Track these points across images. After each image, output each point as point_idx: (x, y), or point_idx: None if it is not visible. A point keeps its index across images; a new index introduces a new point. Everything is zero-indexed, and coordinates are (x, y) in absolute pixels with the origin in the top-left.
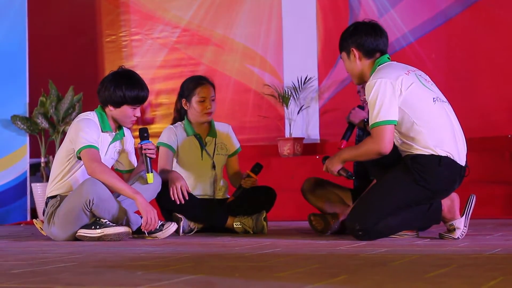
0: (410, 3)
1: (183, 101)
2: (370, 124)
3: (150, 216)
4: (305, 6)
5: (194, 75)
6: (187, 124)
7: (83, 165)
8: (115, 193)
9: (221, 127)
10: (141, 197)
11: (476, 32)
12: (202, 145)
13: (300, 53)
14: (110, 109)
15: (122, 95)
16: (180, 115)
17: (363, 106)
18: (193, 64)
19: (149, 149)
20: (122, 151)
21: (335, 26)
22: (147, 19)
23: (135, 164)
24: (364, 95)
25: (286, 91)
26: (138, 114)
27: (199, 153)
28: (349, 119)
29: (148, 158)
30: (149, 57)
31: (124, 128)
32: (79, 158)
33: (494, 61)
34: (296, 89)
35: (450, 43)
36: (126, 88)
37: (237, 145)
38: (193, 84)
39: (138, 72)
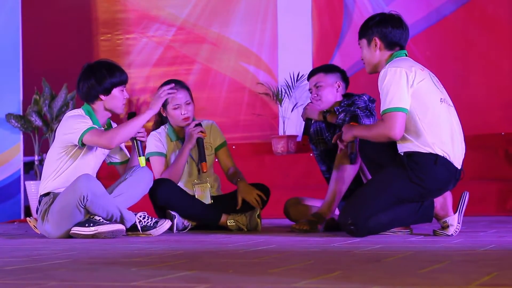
0: (404, 2)
1: (161, 109)
2: (381, 110)
3: (164, 92)
4: (300, 4)
5: (168, 79)
6: (170, 129)
7: (75, 162)
8: (109, 189)
9: (204, 127)
10: (148, 109)
11: (469, 30)
12: None
13: (295, 52)
14: (101, 99)
15: (109, 80)
16: (162, 119)
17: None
18: (188, 62)
19: (138, 132)
20: None
21: (330, 25)
22: (143, 18)
23: (128, 155)
24: (315, 94)
25: (280, 89)
26: (127, 95)
27: None
28: (306, 116)
29: (139, 142)
30: (144, 55)
31: (112, 123)
32: (83, 145)
33: (488, 59)
34: (290, 87)
35: (444, 41)
36: (109, 73)
37: (222, 139)
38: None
39: (133, 70)
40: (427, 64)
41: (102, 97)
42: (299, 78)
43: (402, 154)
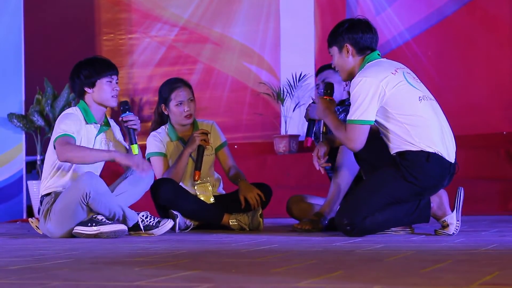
0: (406, 2)
1: (163, 106)
2: (347, 119)
3: (137, 161)
4: (303, 4)
5: (170, 78)
6: (170, 128)
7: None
8: (110, 188)
9: (205, 126)
10: (119, 154)
11: (471, 30)
12: None
13: (297, 51)
14: (88, 92)
15: (90, 72)
16: (162, 119)
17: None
18: (191, 62)
19: (130, 120)
20: (111, 140)
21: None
22: (145, 18)
23: (128, 148)
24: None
25: (282, 88)
26: (118, 87)
27: None
28: (309, 117)
29: (131, 130)
30: (147, 55)
31: (109, 119)
32: (55, 148)
33: (490, 58)
34: (292, 87)
35: (446, 41)
36: (90, 65)
37: (222, 139)
38: (169, 89)
39: (135, 70)
40: (429, 64)
41: (87, 89)
42: (301, 77)
43: (394, 155)
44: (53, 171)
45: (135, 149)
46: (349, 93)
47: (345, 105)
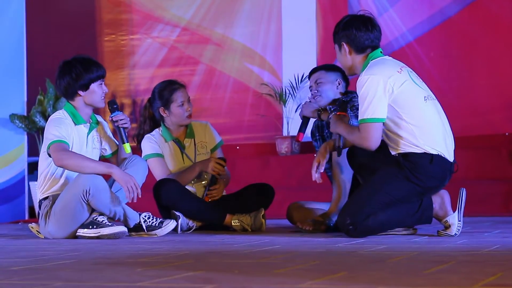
0: (409, 3)
1: (161, 109)
2: (358, 119)
3: (130, 185)
4: (304, 5)
5: (163, 81)
6: (164, 130)
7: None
8: (109, 183)
9: (199, 126)
10: (117, 169)
11: (474, 31)
12: (182, 149)
13: (299, 52)
14: (80, 95)
15: (86, 76)
16: (153, 122)
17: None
18: (193, 63)
19: (120, 119)
20: (103, 137)
21: (334, 25)
22: (147, 19)
23: (117, 143)
24: (316, 90)
25: (284, 89)
26: (106, 89)
27: (180, 157)
28: (302, 114)
29: (121, 129)
30: (148, 56)
31: (96, 116)
32: (49, 155)
33: (492, 59)
34: (294, 88)
35: (448, 42)
36: (85, 69)
37: (217, 139)
38: (169, 91)
39: (137, 71)
40: (431, 65)
41: (80, 93)
42: (303, 78)
43: (397, 155)
44: (47, 177)
45: (127, 147)
46: (341, 94)
47: (336, 105)
